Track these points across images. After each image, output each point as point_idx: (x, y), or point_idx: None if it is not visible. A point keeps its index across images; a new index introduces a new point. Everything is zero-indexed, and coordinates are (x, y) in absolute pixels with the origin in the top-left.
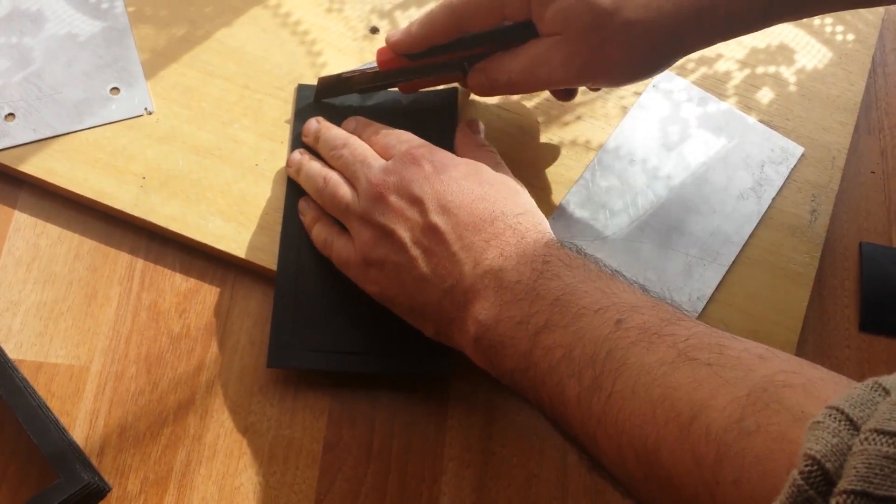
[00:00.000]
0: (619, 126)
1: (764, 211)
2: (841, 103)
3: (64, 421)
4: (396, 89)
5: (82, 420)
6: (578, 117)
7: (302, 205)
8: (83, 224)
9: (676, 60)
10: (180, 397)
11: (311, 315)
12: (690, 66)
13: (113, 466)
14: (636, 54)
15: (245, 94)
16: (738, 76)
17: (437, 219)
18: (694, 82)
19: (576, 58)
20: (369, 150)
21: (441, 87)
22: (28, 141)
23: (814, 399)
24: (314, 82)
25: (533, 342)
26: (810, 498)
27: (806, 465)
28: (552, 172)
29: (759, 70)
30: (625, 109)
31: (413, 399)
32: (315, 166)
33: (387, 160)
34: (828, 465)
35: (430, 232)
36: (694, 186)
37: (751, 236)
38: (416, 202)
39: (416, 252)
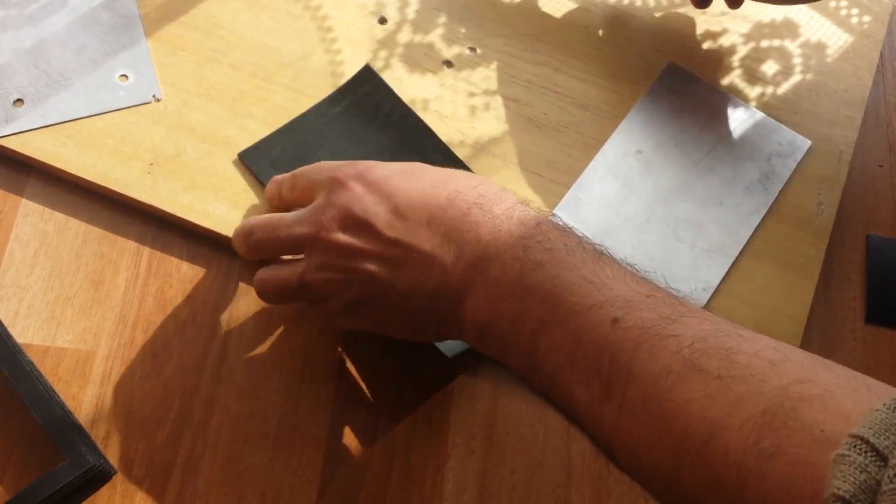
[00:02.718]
0: (626, 117)
1: (770, 203)
2: (848, 98)
3: (70, 404)
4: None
5: (88, 404)
6: (586, 109)
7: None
8: (90, 211)
9: None
10: (186, 382)
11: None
12: (694, 41)
13: (118, 450)
14: None
15: (253, 81)
16: (743, 49)
17: (392, 232)
18: (698, 56)
19: None
20: (277, 216)
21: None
22: (36, 126)
23: (832, 414)
24: (321, 72)
25: (533, 343)
26: None
27: None
28: (558, 164)
29: (764, 44)
30: (633, 100)
31: (417, 386)
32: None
33: (312, 200)
34: None
35: (393, 247)
36: (701, 178)
37: (757, 228)
38: (365, 226)
39: (387, 274)
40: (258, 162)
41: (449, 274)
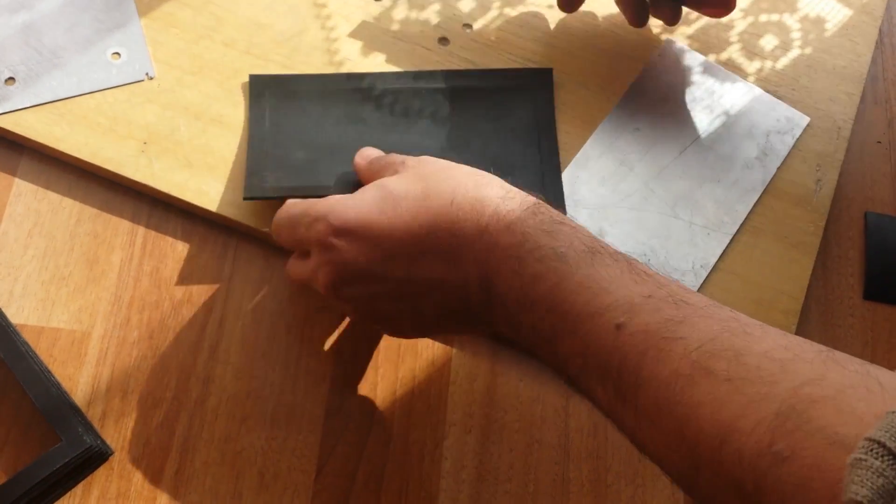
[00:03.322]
0: (623, 94)
1: (769, 180)
2: (847, 74)
3: (66, 385)
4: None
5: (84, 385)
6: (585, 86)
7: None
8: (84, 190)
9: None
10: (182, 363)
11: (284, 149)
12: (693, 16)
13: (115, 430)
14: None
15: (247, 59)
16: (742, 24)
17: (397, 272)
18: (696, 31)
19: None
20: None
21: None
22: (28, 105)
23: (846, 416)
24: (316, 49)
25: (552, 350)
26: None
27: None
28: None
29: (763, 18)
30: (631, 77)
31: (415, 365)
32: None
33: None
34: None
35: (405, 284)
36: (699, 155)
37: (755, 205)
38: (368, 277)
39: (412, 306)
40: (259, 101)
41: (468, 294)
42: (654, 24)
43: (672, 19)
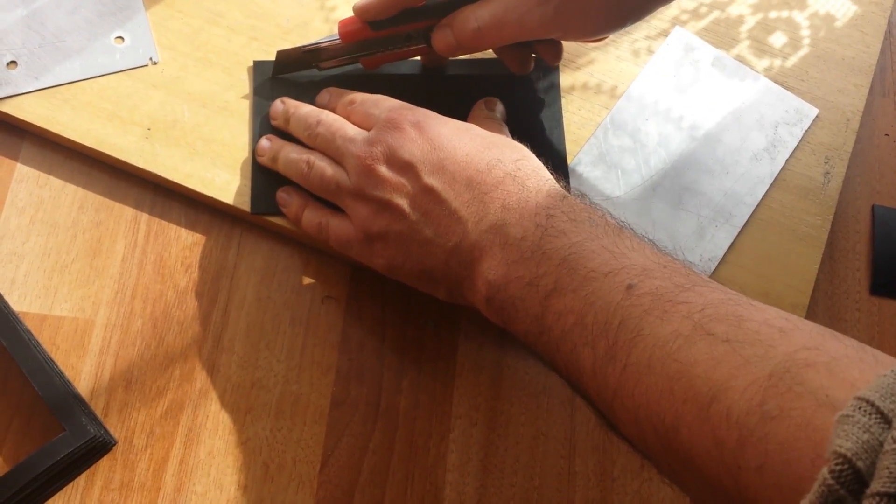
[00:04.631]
0: (631, 84)
1: (777, 172)
2: (856, 65)
3: (69, 374)
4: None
5: (87, 373)
6: (591, 63)
7: (282, 196)
8: (87, 176)
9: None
10: (187, 352)
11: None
12: (703, 10)
13: (118, 420)
14: None
15: (252, 44)
16: (751, 20)
17: (431, 180)
18: (706, 26)
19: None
20: (346, 123)
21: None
22: (31, 90)
23: (838, 381)
24: (317, 34)
25: (544, 306)
26: (841, 498)
27: (836, 464)
28: (565, 130)
29: (773, 14)
30: (637, 55)
31: (420, 357)
32: (293, 151)
33: (368, 129)
34: (859, 463)
35: (427, 194)
36: (707, 147)
37: (763, 198)
38: (408, 168)
39: (416, 217)
40: (263, 88)
41: (469, 234)
42: (663, 15)
43: (554, 58)
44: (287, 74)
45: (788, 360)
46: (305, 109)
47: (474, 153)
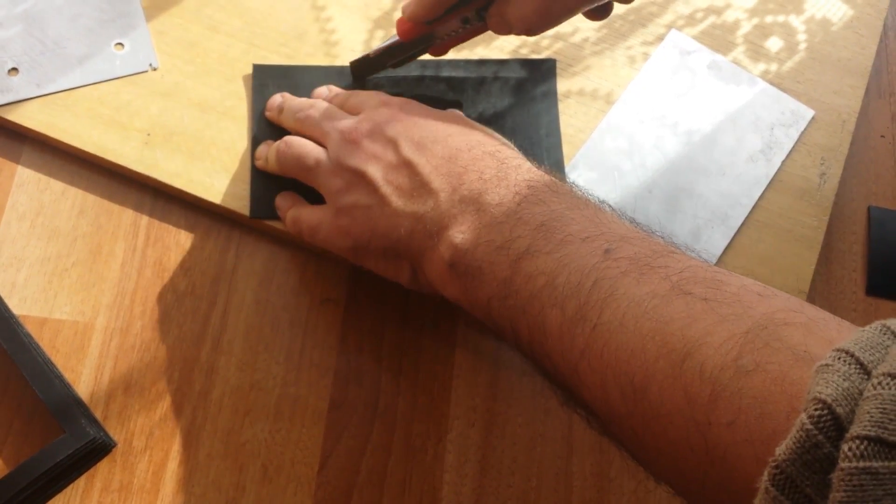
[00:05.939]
0: (628, 87)
1: (773, 174)
2: (852, 66)
3: (69, 377)
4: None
5: (87, 376)
6: (587, 69)
7: (278, 202)
8: (87, 180)
9: None
10: (186, 354)
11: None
12: (699, 15)
13: (118, 422)
14: None
15: (250, 50)
16: (747, 25)
17: (411, 154)
18: (702, 31)
19: None
20: (337, 109)
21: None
22: (31, 96)
23: (817, 338)
24: (320, 40)
25: (513, 268)
26: (819, 443)
27: (815, 409)
28: (561, 133)
29: (769, 19)
30: (633, 60)
31: (418, 358)
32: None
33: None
34: (838, 409)
35: (404, 167)
36: (703, 148)
37: (759, 199)
38: (390, 142)
39: (387, 189)
40: (262, 92)
41: (441, 203)
42: (659, 21)
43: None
44: (297, 79)
45: (766, 318)
46: (300, 100)
47: (457, 134)
